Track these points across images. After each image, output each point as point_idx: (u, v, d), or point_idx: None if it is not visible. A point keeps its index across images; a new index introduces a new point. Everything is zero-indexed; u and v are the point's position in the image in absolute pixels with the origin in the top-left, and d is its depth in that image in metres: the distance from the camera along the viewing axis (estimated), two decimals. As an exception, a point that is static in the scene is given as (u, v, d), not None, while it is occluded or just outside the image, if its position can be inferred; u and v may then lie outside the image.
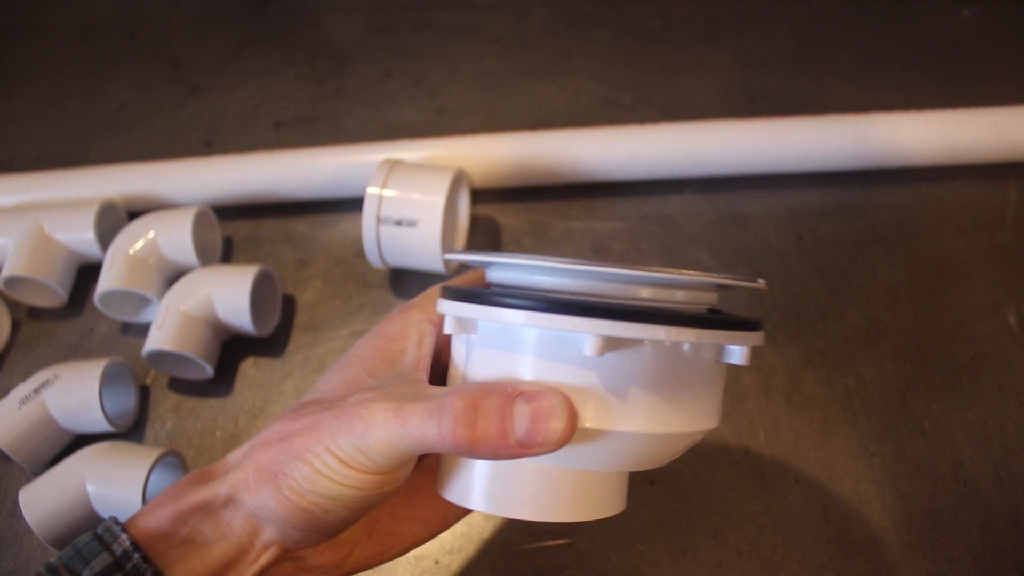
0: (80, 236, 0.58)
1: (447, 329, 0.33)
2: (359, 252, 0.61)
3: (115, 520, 0.33)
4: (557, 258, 0.30)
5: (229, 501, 0.33)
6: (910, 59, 0.71)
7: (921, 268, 0.58)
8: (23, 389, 0.51)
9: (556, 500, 0.33)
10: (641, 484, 0.49)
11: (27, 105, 0.75)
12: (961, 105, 0.62)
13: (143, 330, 0.58)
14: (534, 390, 0.29)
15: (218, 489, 0.33)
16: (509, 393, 0.29)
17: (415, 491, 0.38)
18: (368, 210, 0.55)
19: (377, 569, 0.47)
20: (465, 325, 0.32)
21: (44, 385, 0.51)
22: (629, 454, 0.32)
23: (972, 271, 0.58)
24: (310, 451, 0.31)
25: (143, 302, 0.58)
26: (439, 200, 0.54)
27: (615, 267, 0.29)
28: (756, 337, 0.32)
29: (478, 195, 0.63)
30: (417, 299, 0.37)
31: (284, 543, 0.33)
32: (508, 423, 0.29)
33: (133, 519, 0.34)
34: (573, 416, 0.29)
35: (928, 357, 0.54)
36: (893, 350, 0.54)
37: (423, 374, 0.34)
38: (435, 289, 0.38)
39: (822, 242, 0.60)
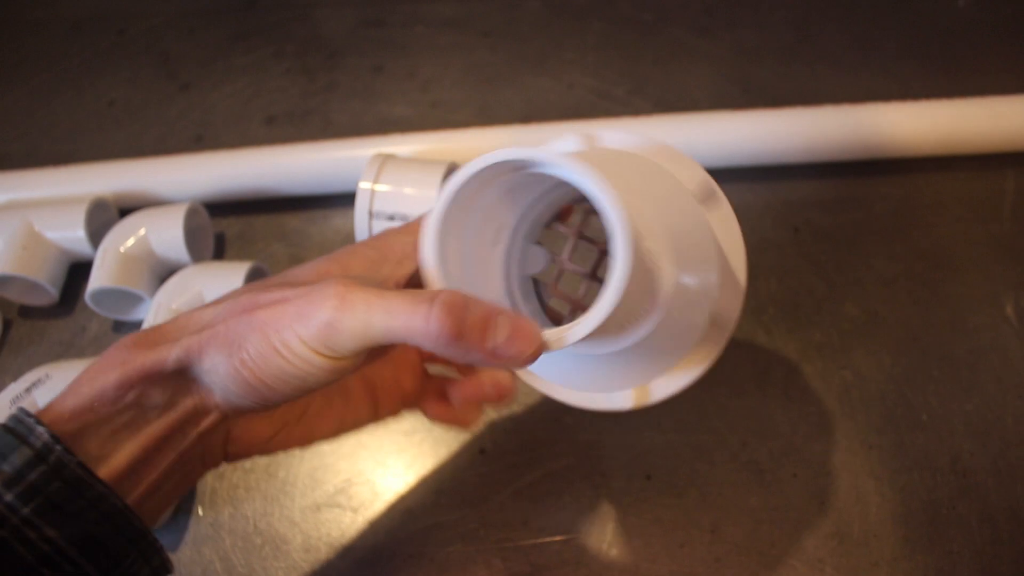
0: (71, 234, 0.58)
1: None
2: (352, 248, 0.61)
3: (25, 412, 0.31)
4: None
5: (179, 364, 0.32)
6: (906, 49, 0.70)
7: (918, 260, 0.58)
8: (14, 389, 0.51)
9: None
10: (638, 480, 0.49)
11: (16, 101, 0.75)
12: (958, 95, 0.61)
13: (135, 328, 0.57)
14: (514, 313, 0.31)
15: (168, 352, 0.32)
16: (494, 308, 0.31)
17: (347, 391, 0.40)
18: (360, 205, 0.54)
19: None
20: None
21: (35, 384, 0.51)
22: None
23: (969, 262, 0.57)
24: (271, 327, 0.30)
25: (135, 300, 0.57)
26: (432, 195, 0.54)
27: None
28: None
29: (472, 189, 0.63)
30: (412, 223, 0.37)
31: (225, 409, 0.33)
32: (490, 330, 0.30)
33: (63, 395, 0.32)
34: (541, 344, 0.31)
35: (926, 349, 0.53)
36: (890, 342, 0.54)
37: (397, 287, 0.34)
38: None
39: (819, 234, 0.59)
